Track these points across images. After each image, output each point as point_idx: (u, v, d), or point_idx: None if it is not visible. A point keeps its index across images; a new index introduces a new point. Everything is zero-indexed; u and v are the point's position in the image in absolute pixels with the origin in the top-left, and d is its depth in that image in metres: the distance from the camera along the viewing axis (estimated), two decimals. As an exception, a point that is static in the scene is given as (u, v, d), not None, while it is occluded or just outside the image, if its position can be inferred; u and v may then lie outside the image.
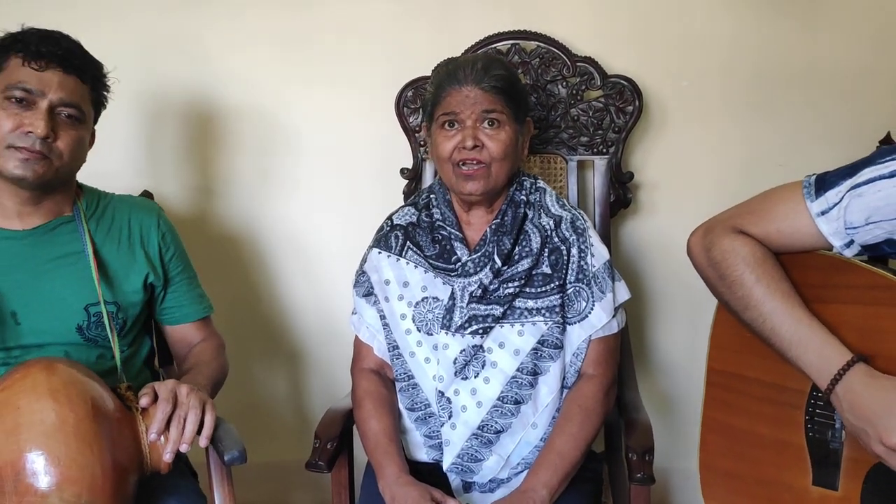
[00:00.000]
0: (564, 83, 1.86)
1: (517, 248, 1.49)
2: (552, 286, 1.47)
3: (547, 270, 1.48)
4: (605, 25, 1.94)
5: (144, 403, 1.31)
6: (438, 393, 1.48)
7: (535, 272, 1.48)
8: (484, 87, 1.44)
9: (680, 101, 1.96)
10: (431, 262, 1.52)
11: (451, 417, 1.48)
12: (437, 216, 1.55)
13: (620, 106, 1.84)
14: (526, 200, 1.53)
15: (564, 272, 1.48)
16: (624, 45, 1.93)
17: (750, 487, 1.35)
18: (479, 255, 1.49)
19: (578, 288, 1.47)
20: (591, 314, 1.47)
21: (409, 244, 1.55)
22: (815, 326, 1.21)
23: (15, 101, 1.35)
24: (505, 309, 1.46)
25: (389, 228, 1.59)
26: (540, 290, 1.47)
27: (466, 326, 1.46)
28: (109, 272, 1.49)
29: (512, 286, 1.47)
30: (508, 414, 1.46)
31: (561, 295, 1.47)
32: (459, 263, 1.49)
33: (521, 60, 1.85)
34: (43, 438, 1.17)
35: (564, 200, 1.57)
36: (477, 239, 1.52)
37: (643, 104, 1.85)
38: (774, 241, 1.28)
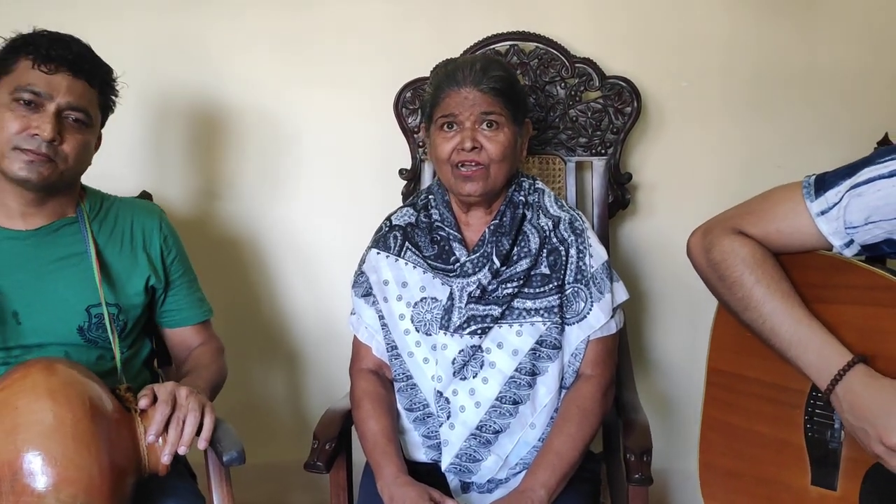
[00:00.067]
0: (563, 84, 1.86)
1: (516, 248, 1.49)
2: (551, 287, 1.47)
3: (545, 271, 1.48)
4: (603, 26, 1.94)
5: (143, 405, 1.31)
6: (437, 393, 1.48)
7: (533, 273, 1.48)
8: (483, 88, 1.44)
9: (678, 101, 1.96)
10: (430, 262, 1.52)
11: (449, 417, 1.48)
12: (435, 217, 1.55)
13: (619, 107, 1.84)
14: (525, 201, 1.53)
15: (563, 273, 1.48)
16: (622, 45, 1.93)
17: (749, 486, 1.35)
18: (477, 255, 1.49)
19: (577, 288, 1.47)
20: (589, 315, 1.47)
21: (407, 245, 1.55)
22: (814, 327, 1.21)
23: (23, 103, 1.36)
24: (503, 309, 1.46)
25: (388, 229, 1.59)
26: (538, 290, 1.47)
27: (465, 327, 1.46)
28: (111, 274, 1.49)
29: (510, 287, 1.47)
30: (507, 414, 1.46)
31: (559, 295, 1.47)
32: (458, 264, 1.49)
33: (519, 61, 1.85)
34: (41, 439, 1.17)
35: (563, 201, 1.57)
36: (475, 240, 1.52)
37: (642, 105, 1.85)
38: (774, 241, 1.28)
